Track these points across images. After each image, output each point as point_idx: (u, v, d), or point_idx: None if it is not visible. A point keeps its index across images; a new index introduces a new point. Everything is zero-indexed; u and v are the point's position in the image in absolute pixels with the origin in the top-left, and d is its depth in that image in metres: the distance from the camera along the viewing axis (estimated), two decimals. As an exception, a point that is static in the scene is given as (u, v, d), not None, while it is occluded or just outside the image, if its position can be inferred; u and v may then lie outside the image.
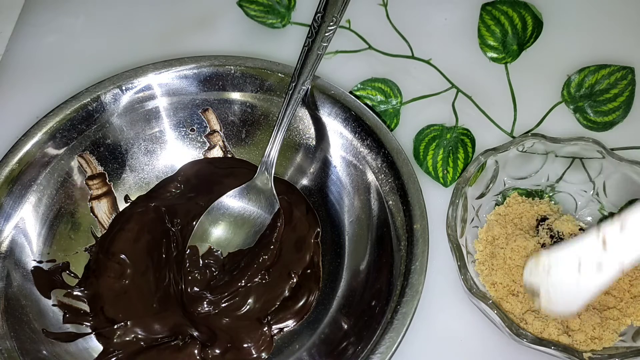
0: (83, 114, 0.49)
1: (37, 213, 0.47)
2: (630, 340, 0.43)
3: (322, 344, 0.45)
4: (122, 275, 0.47)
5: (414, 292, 0.41)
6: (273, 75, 0.50)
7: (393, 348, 0.40)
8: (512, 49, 0.57)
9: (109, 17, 0.63)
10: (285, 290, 0.47)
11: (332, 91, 0.49)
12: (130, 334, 0.45)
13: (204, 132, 0.53)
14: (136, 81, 0.50)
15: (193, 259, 0.48)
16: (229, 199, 0.49)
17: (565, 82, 0.55)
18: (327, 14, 0.45)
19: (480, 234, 0.48)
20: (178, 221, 0.50)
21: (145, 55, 0.57)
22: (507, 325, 0.42)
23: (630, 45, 0.58)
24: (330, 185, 0.50)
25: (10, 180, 0.46)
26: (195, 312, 0.46)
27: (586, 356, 0.41)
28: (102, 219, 0.50)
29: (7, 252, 0.45)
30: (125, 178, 0.51)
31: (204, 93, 0.51)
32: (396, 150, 0.46)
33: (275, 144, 0.48)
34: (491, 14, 0.57)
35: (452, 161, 0.52)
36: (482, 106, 0.55)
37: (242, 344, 0.45)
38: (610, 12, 0.60)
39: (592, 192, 0.49)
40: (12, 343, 0.42)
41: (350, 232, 0.49)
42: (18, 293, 0.45)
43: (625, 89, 0.54)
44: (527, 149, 0.48)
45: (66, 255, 0.48)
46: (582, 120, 0.54)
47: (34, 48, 0.61)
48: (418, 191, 0.45)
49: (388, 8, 0.61)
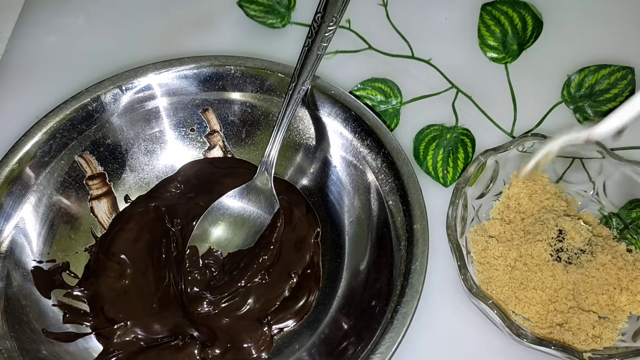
0: (83, 114, 0.49)
1: (37, 213, 0.47)
2: (630, 340, 0.43)
3: (322, 344, 0.45)
4: (122, 275, 0.47)
5: (414, 292, 0.41)
6: (273, 75, 0.50)
7: (393, 348, 0.40)
8: (512, 49, 0.57)
9: (109, 17, 0.63)
10: (285, 290, 0.47)
11: (332, 91, 0.49)
12: (130, 334, 0.45)
13: (204, 132, 0.53)
14: (136, 81, 0.50)
15: (193, 259, 0.48)
16: (229, 199, 0.49)
17: (565, 82, 0.55)
18: (327, 14, 0.45)
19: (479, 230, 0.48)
20: (178, 221, 0.50)
21: (145, 55, 0.57)
22: (507, 325, 0.42)
23: (630, 45, 0.58)
24: (330, 185, 0.50)
25: (10, 180, 0.46)
26: (195, 312, 0.46)
27: (586, 356, 0.41)
28: (102, 219, 0.50)
29: (7, 252, 0.45)
30: (125, 178, 0.51)
31: (204, 93, 0.51)
32: (396, 150, 0.46)
33: (275, 144, 0.48)
34: (491, 14, 0.57)
35: (452, 161, 0.52)
36: (482, 106, 0.55)
37: (242, 344, 0.45)
38: (610, 12, 0.60)
39: (592, 192, 0.49)
40: (12, 343, 0.42)
41: (350, 232, 0.49)
42: (18, 293, 0.45)
43: (625, 89, 0.54)
44: (527, 149, 0.48)
45: (66, 255, 0.48)
46: (582, 120, 0.54)
47: (34, 48, 0.61)
48: (418, 191, 0.45)
49: (388, 8, 0.61)
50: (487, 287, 0.45)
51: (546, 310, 0.44)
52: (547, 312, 0.44)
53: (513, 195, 0.48)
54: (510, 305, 0.45)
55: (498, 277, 0.45)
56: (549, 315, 0.44)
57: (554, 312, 0.44)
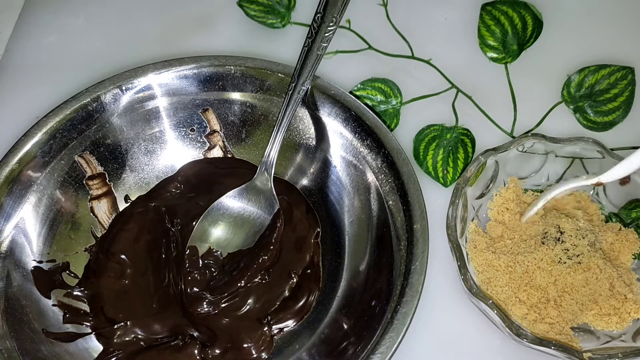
0: (83, 114, 0.49)
1: (37, 213, 0.47)
2: (630, 340, 0.43)
3: (322, 344, 0.45)
4: (122, 275, 0.47)
5: (414, 292, 0.41)
6: (273, 75, 0.50)
7: (393, 348, 0.40)
8: (512, 49, 0.57)
9: (109, 17, 0.63)
10: (285, 290, 0.47)
11: (332, 91, 0.49)
12: (130, 334, 0.45)
13: (204, 132, 0.53)
14: (136, 81, 0.50)
15: (193, 259, 0.48)
16: (229, 199, 0.49)
17: (565, 82, 0.55)
18: (327, 14, 0.45)
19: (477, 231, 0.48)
20: (178, 221, 0.50)
21: (145, 55, 0.57)
22: (507, 325, 0.42)
23: (630, 45, 0.58)
24: (330, 185, 0.50)
25: (10, 180, 0.46)
26: (195, 312, 0.46)
27: (586, 356, 0.41)
28: (102, 219, 0.50)
29: (7, 252, 0.45)
30: (125, 178, 0.51)
31: (204, 93, 0.51)
32: (396, 150, 0.46)
33: (275, 144, 0.48)
34: (491, 14, 0.57)
35: (452, 161, 0.52)
36: (482, 106, 0.55)
37: (242, 344, 0.45)
38: (610, 13, 0.60)
39: (592, 192, 0.49)
40: (12, 343, 0.42)
41: (350, 232, 0.49)
42: (18, 293, 0.45)
43: (625, 89, 0.54)
44: (527, 149, 0.48)
45: (66, 255, 0.48)
46: (582, 120, 0.54)
47: (34, 48, 0.61)
48: (418, 191, 0.45)
49: (388, 8, 0.61)
50: (487, 287, 0.45)
51: (546, 310, 0.44)
52: (547, 311, 0.44)
53: (512, 196, 0.49)
54: (510, 305, 0.45)
55: (498, 277, 0.45)
56: (549, 315, 0.44)
57: (554, 311, 0.44)
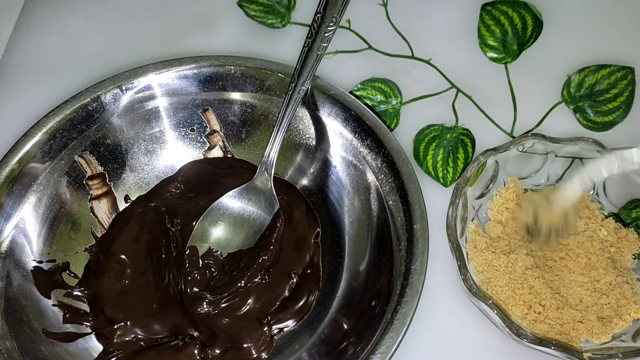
0: (83, 114, 0.49)
1: (37, 213, 0.47)
2: (630, 340, 0.43)
3: (322, 344, 0.45)
4: (122, 275, 0.47)
5: (414, 292, 0.41)
6: (273, 75, 0.50)
7: (393, 348, 0.40)
8: (512, 49, 0.57)
9: (109, 17, 0.63)
10: (285, 290, 0.47)
11: (332, 91, 0.49)
12: (130, 334, 0.45)
13: (204, 132, 0.53)
14: (136, 81, 0.50)
15: (193, 259, 0.48)
16: (229, 199, 0.49)
17: (565, 82, 0.55)
18: (327, 14, 0.45)
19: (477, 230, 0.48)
20: (178, 221, 0.50)
21: (145, 55, 0.57)
22: (507, 325, 0.42)
23: (630, 45, 0.58)
24: (330, 185, 0.50)
25: (10, 180, 0.46)
26: (195, 312, 0.46)
27: (586, 356, 0.41)
28: (102, 219, 0.50)
29: (7, 252, 0.45)
30: (125, 178, 0.51)
31: (204, 93, 0.51)
32: (396, 150, 0.46)
33: (275, 144, 0.48)
34: (491, 14, 0.57)
35: (452, 161, 0.52)
36: (482, 106, 0.55)
37: (242, 344, 0.45)
38: (610, 12, 0.60)
39: (592, 192, 0.49)
40: (12, 343, 0.42)
41: (350, 232, 0.49)
42: (18, 293, 0.45)
43: (625, 89, 0.54)
44: (527, 149, 0.48)
45: (66, 255, 0.48)
46: (582, 120, 0.54)
47: (34, 48, 0.61)
48: (418, 191, 0.45)
49: (388, 8, 0.61)
50: (487, 287, 0.45)
51: (546, 310, 0.44)
52: (547, 311, 0.44)
53: (512, 196, 0.48)
54: (510, 305, 0.45)
55: (498, 277, 0.45)
56: (549, 315, 0.44)
57: (554, 311, 0.44)
